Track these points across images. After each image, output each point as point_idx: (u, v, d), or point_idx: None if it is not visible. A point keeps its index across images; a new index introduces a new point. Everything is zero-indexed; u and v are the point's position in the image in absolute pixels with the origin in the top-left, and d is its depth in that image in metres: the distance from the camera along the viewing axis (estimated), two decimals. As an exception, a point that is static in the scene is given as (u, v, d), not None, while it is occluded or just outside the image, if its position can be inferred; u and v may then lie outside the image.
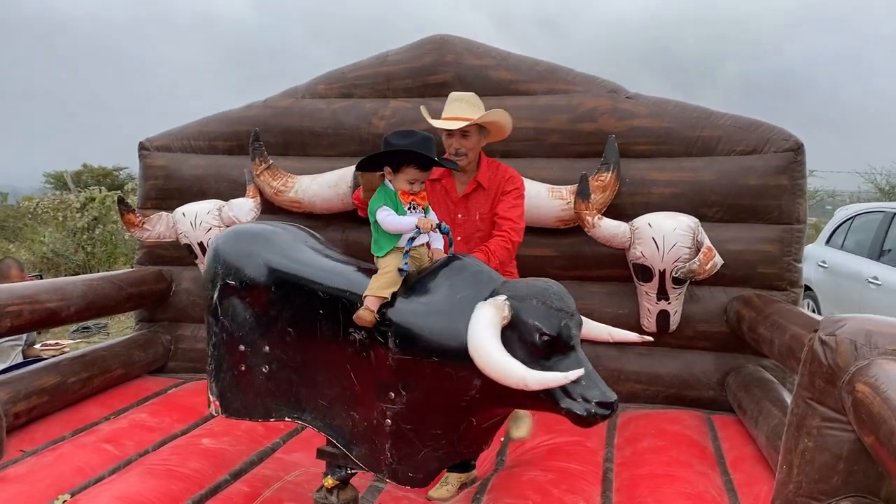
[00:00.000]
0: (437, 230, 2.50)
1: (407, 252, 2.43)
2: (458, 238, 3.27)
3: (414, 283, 2.45)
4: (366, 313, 2.36)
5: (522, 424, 3.31)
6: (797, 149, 3.99)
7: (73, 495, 2.94)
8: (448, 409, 2.39)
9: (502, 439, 3.80)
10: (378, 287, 2.38)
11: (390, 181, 2.54)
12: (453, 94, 3.42)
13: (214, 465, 3.26)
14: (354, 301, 2.43)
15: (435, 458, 2.46)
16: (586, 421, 2.14)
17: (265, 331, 2.64)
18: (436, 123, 3.32)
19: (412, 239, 2.45)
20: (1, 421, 3.33)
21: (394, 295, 2.40)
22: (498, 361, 2.10)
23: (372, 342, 2.42)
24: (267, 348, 2.65)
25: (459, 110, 3.31)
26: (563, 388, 2.14)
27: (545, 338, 2.16)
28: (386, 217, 2.45)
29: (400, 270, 2.41)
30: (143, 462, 3.28)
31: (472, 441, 2.50)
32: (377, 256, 2.50)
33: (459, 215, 3.32)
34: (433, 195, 3.28)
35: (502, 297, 2.22)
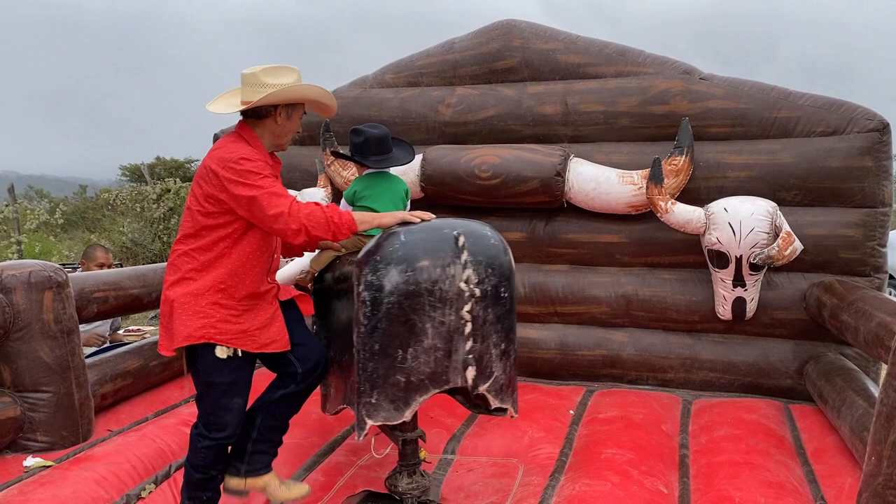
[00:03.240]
0: None
1: None
2: None
3: None
4: None
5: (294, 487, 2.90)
6: (882, 128, 3.81)
7: (157, 484, 3.06)
8: None
9: (571, 412, 3.79)
10: None
11: None
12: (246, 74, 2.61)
13: (288, 459, 3.27)
14: None
15: None
16: None
17: None
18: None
19: None
20: (90, 402, 3.48)
21: None
22: None
23: None
24: None
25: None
26: None
27: None
28: None
29: None
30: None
31: None
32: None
33: None
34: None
35: None
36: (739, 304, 3.92)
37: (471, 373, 2.50)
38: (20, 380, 3.26)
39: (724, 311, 3.99)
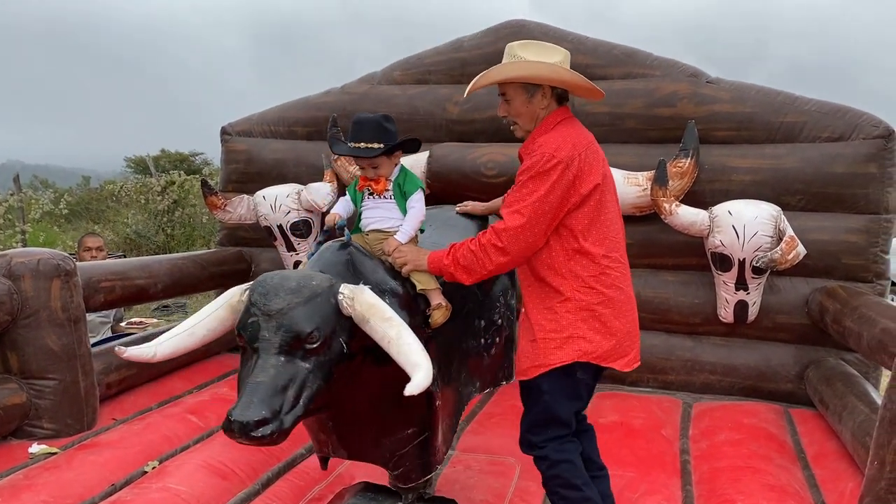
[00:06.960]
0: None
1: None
2: None
3: None
4: None
5: None
6: (888, 135, 3.83)
7: (160, 462, 3.09)
8: None
9: None
10: None
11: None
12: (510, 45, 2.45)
13: (291, 438, 3.31)
14: None
15: None
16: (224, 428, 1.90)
17: None
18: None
19: None
20: (95, 390, 3.51)
21: None
22: None
23: None
24: None
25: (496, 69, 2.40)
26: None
27: (237, 331, 2.03)
28: None
29: None
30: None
31: None
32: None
33: None
34: None
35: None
36: (741, 307, 3.94)
37: None
38: (27, 367, 3.29)
39: (726, 313, 4.00)
